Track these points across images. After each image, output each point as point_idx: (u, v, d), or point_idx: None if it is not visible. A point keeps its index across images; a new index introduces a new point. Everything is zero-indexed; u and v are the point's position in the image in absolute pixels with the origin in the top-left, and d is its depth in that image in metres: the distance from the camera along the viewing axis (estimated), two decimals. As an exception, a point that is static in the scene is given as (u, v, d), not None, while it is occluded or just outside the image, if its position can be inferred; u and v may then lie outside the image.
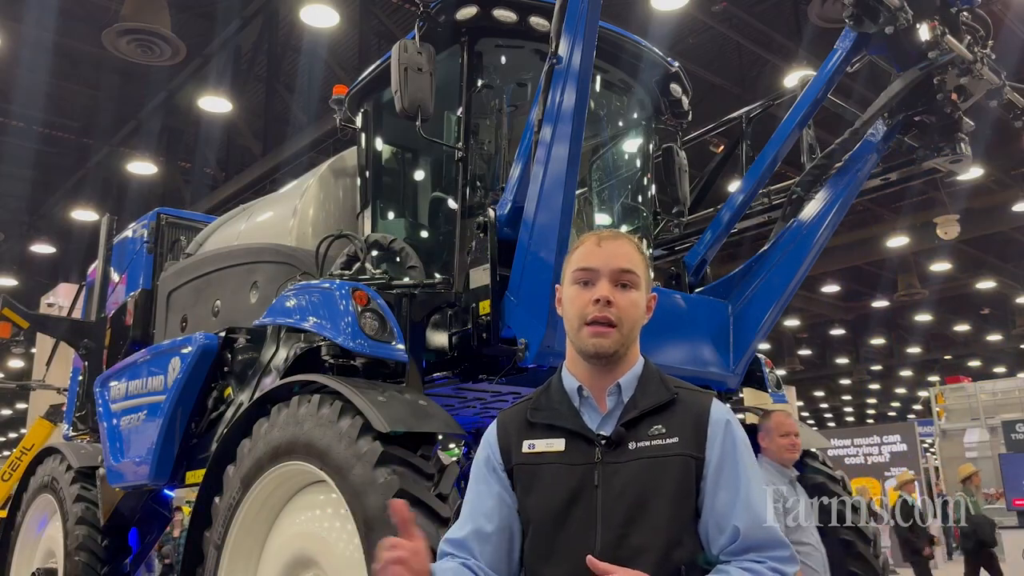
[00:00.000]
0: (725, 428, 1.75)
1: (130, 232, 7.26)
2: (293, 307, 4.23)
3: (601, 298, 1.75)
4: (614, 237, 1.83)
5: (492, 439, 1.86)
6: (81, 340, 7.18)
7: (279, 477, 3.83)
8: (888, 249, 18.96)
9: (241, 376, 4.89)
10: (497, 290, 3.90)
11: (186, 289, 6.03)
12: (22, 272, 20.97)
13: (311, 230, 5.29)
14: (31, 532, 6.78)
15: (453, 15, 4.34)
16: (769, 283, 4.58)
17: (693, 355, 4.46)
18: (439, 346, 4.23)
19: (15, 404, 32.69)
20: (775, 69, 12.94)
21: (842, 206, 4.54)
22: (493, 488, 1.80)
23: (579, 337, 1.78)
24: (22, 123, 15.28)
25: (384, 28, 12.23)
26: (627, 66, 4.93)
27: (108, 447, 5.61)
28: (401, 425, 3.32)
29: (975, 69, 4.10)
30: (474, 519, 1.79)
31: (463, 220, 4.37)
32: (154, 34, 10.27)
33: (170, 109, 14.61)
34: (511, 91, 4.73)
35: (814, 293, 23.82)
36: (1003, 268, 22.50)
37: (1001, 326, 28.83)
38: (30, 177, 17.64)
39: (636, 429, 1.73)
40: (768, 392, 5.12)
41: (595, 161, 5.37)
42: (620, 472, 1.69)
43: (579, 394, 1.79)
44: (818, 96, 4.55)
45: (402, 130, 4.87)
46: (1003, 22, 10.98)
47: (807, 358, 33.44)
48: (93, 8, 12.27)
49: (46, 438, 9.45)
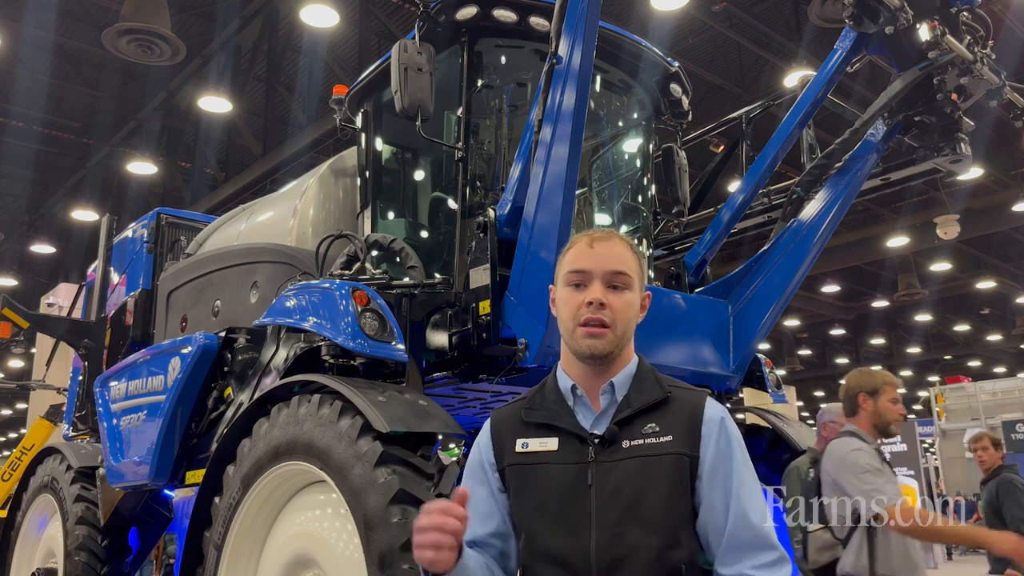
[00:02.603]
0: (720, 426, 1.75)
1: (130, 232, 7.26)
2: (293, 307, 4.23)
3: (594, 300, 1.75)
4: (606, 238, 1.82)
5: (485, 440, 1.85)
6: (81, 340, 7.18)
7: (279, 477, 3.83)
8: (888, 249, 18.95)
9: (241, 376, 4.89)
10: (497, 290, 3.90)
11: (186, 289, 6.03)
12: (22, 272, 20.98)
13: (311, 230, 5.29)
14: (31, 532, 6.78)
15: (453, 15, 4.34)
16: (769, 283, 4.58)
17: (693, 355, 4.46)
18: (439, 346, 4.23)
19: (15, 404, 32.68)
20: (775, 69, 12.94)
21: (842, 206, 4.54)
22: (486, 492, 1.80)
23: (573, 338, 1.78)
24: (22, 123, 15.28)
25: (384, 28, 12.23)
26: (627, 66, 4.93)
27: (108, 447, 5.61)
28: (401, 425, 3.32)
29: (975, 69, 4.10)
30: (469, 527, 1.78)
31: (463, 220, 4.37)
32: (154, 34, 10.26)
33: (170, 109, 14.61)
34: (511, 91, 4.73)
35: (814, 293, 23.81)
36: (1003, 268, 22.49)
37: (1001, 326, 28.82)
38: (30, 177, 17.66)
39: (630, 428, 1.73)
40: (768, 392, 5.11)
41: (595, 161, 5.37)
42: (614, 471, 1.69)
43: (573, 393, 1.79)
44: (818, 96, 4.55)
45: (402, 130, 4.87)
46: (1003, 22, 10.98)
47: (807, 358, 33.43)
48: (93, 8, 12.28)
49: (46, 438, 9.45)
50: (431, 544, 1.52)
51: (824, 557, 3.81)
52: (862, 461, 3.61)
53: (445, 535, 1.52)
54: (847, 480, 3.59)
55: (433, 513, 1.54)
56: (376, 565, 3.11)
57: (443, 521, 1.53)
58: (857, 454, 3.65)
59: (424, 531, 1.54)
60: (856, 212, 17.61)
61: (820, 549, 3.85)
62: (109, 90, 14.75)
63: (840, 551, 3.69)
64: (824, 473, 3.77)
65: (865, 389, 3.89)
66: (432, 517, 1.53)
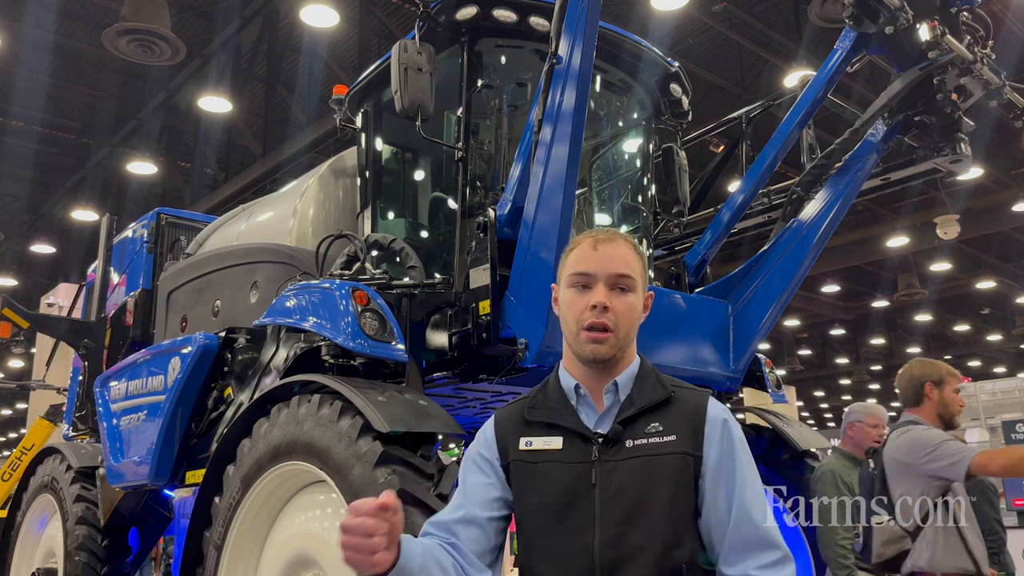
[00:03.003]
0: (723, 426, 1.75)
1: (130, 232, 7.26)
2: (293, 307, 4.23)
3: (598, 304, 1.75)
4: (610, 239, 1.82)
5: (489, 435, 1.85)
6: (81, 340, 7.18)
7: (279, 477, 3.83)
8: (888, 249, 18.94)
9: (241, 376, 4.89)
10: (497, 290, 3.90)
11: (186, 289, 6.03)
12: (22, 272, 20.97)
13: (311, 230, 5.29)
14: (31, 532, 6.78)
15: (453, 15, 4.34)
16: (769, 283, 4.58)
17: (693, 355, 4.46)
18: (439, 346, 4.23)
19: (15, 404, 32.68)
20: (775, 69, 12.94)
21: (842, 206, 4.54)
22: (486, 478, 1.80)
23: (577, 342, 1.78)
24: (22, 123, 15.28)
25: (384, 28, 12.23)
26: (627, 66, 4.93)
27: (108, 447, 5.60)
28: (401, 425, 3.32)
29: (975, 69, 4.10)
30: (464, 505, 1.78)
31: (463, 220, 4.37)
32: (154, 34, 10.26)
33: (170, 109, 14.61)
34: (511, 91, 4.73)
35: (814, 293, 23.80)
36: (1003, 268, 22.48)
37: (1001, 326, 28.81)
38: (30, 177, 17.65)
39: (633, 427, 1.73)
40: (768, 392, 5.12)
41: (595, 161, 5.37)
42: (617, 470, 1.69)
43: (576, 392, 1.79)
44: (818, 96, 4.55)
45: (402, 130, 4.87)
46: (1003, 22, 10.98)
47: (807, 358, 33.42)
48: (93, 8, 12.28)
49: (46, 438, 9.44)
50: (354, 547, 1.44)
51: (890, 550, 3.71)
52: (935, 435, 3.61)
53: (370, 539, 1.43)
54: (925, 457, 3.54)
55: (362, 515, 1.44)
56: (376, 565, 3.11)
57: (367, 525, 1.43)
58: (929, 432, 3.66)
59: (349, 532, 1.45)
60: (856, 212, 17.60)
61: (887, 542, 3.73)
62: (109, 90, 14.75)
63: (908, 543, 3.64)
64: (892, 463, 3.71)
65: (931, 379, 3.87)
66: (357, 520, 1.44)
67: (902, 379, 4.02)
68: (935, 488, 3.62)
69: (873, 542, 3.80)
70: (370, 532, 1.43)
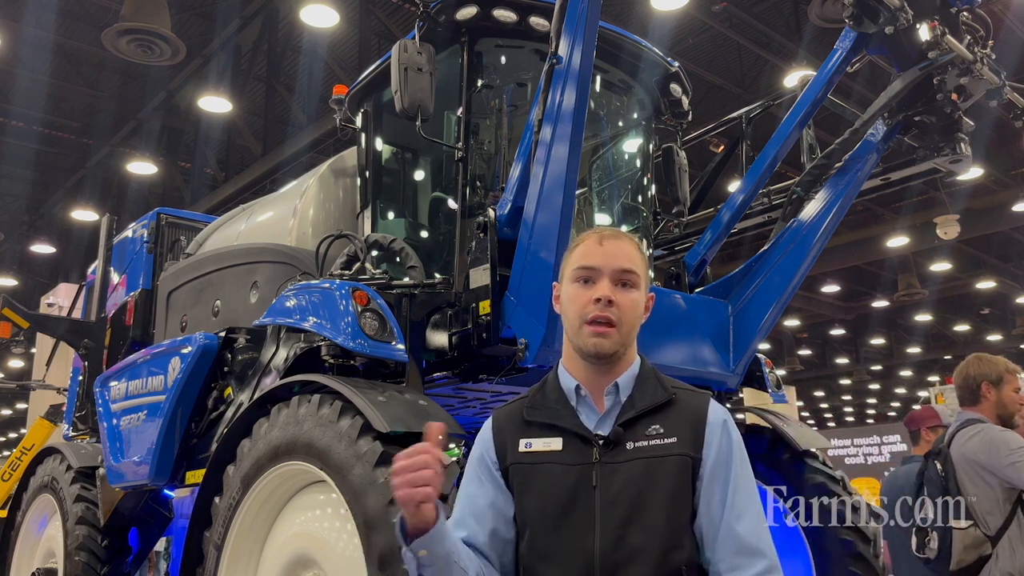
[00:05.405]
0: (723, 429, 1.75)
1: (130, 232, 7.26)
2: (293, 307, 4.23)
3: (603, 297, 1.75)
4: (615, 236, 1.83)
5: (487, 438, 1.85)
6: (81, 340, 7.18)
7: (279, 477, 3.83)
8: (888, 249, 18.95)
9: (241, 376, 4.89)
10: (497, 290, 3.90)
11: (186, 289, 6.03)
12: (22, 272, 20.97)
13: (311, 230, 5.29)
14: (31, 532, 6.78)
15: (453, 15, 4.34)
16: (769, 283, 4.58)
17: (693, 355, 4.46)
18: (439, 346, 4.22)
19: (15, 404, 32.68)
20: (775, 69, 12.94)
21: (842, 206, 4.54)
22: (486, 489, 1.79)
23: (579, 336, 1.77)
24: (22, 123, 15.28)
25: (384, 28, 12.23)
26: (627, 66, 4.93)
27: (108, 447, 5.60)
28: (401, 425, 3.32)
29: (975, 69, 4.10)
30: (464, 522, 1.78)
31: (463, 220, 4.37)
32: (154, 34, 10.26)
33: (170, 109, 14.61)
34: (511, 91, 4.73)
35: (814, 293, 23.80)
36: (1003, 268, 22.48)
37: (1001, 326, 28.80)
38: (30, 177, 17.65)
39: (634, 429, 1.73)
40: (768, 392, 5.11)
41: (595, 161, 5.37)
42: (618, 472, 1.69)
43: (576, 393, 1.79)
44: (818, 96, 4.55)
45: (402, 130, 4.87)
46: (1003, 22, 10.98)
47: (807, 358, 33.41)
48: (93, 8, 12.28)
49: (46, 438, 9.45)
50: (409, 481, 1.50)
51: (971, 556, 3.61)
52: (1012, 438, 3.50)
53: (425, 471, 1.50)
54: (1008, 459, 3.43)
55: (416, 452, 1.53)
56: (376, 565, 3.11)
57: (423, 459, 1.51)
58: (1005, 434, 3.55)
59: (403, 469, 1.52)
60: (856, 212, 17.60)
61: (969, 547, 3.62)
62: (109, 90, 14.75)
63: (988, 548, 3.54)
64: (966, 464, 3.60)
65: (988, 378, 3.77)
66: (412, 454, 1.52)
67: (958, 376, 3.90)
68: (1009, 491, 3.51)
69: (954, 547, 3.67)
70: (425, 464, 1.50)
